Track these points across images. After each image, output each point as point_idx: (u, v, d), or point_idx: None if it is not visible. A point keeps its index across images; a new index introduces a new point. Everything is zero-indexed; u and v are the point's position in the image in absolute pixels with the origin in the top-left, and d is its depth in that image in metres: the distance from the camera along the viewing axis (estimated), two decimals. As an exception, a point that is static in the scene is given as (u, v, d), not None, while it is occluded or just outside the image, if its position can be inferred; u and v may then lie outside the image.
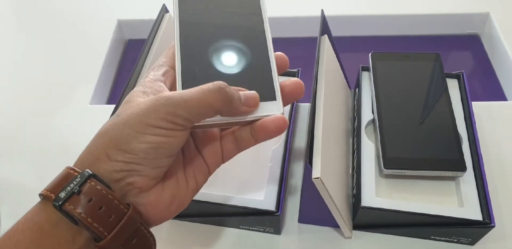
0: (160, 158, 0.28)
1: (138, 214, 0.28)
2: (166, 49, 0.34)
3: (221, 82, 0.28)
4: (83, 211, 0.26)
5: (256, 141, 0.32)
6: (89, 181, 0.26)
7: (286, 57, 0.34)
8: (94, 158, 0.27)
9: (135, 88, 0.31)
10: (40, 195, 0.27)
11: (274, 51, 0.34)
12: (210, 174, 0.33)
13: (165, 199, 0.29)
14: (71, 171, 0.27)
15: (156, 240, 0.30)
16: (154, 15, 0.48)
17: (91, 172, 0.26)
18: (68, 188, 0.26)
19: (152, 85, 0.30)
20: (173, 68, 0.32)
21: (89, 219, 0.26)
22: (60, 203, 0.25)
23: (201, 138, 0.33)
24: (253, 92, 0.30)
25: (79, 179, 0.26)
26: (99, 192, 0.26)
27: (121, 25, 0.72)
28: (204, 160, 0.32)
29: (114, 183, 0.27)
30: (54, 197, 0.26)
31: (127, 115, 0.28)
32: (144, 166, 0.27)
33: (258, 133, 0.31)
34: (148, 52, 0.46)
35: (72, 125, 0.57)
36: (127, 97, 0.30)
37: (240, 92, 0.29)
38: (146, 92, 0.30)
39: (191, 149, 0.32)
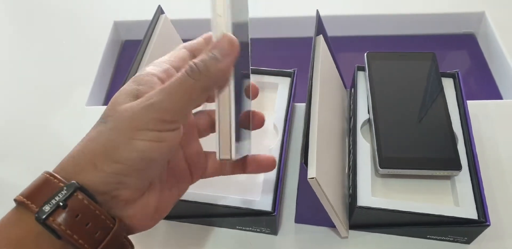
0: (150, 169, 0.27)
1: (123, 227, 0.27)
2: (176, 49, 0.32)
3: (184, 69, 0.26)
4: (69, 227, 0.24)
5: (243, 171, 0.34)
6: (75, 193, 0.24)
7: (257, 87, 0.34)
8: (79, 167, 0.26)
9: (128, 84, 0.28)
10: (16, 201, 0.25)
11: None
12: (192, 183, 0.33)
13: (149, 209, 0.28)
14: (53, 179, 0.25)
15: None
16: (150, 16, 0.48)
17: (78, 185, 0.25)
18: (53, 201, 0.24)
19: (149, 79, 0.28)
20: (175, 68, 0.30)
21: (74, 236, 0.24)
22: (43, 217, 0.24)
23: (191, 151, 0.32)
24: (225, 34, 0.26)
25: (65, 191, 0.24)
26: (87, 207, 0.25)
27: (117, 26, 0.72)
28: (190, 171, 0.32)
29: (98, 195, 0.26)
30: (36, 209, 0.24)
31: (114, 121, 0.26)
32: (132, 178, 0.26)
33: (248, 166, 0.33)
34: (144, 53, 0.46)
35: (68, 126, 0.57)
36: (116, 96, 0.28)
37: (212, 50, 0.26)
38: (139, 90, 0.27)
39: (179, 157, 0.32)
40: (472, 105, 0.51)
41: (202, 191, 0.43)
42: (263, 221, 0.42)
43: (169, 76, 0.29)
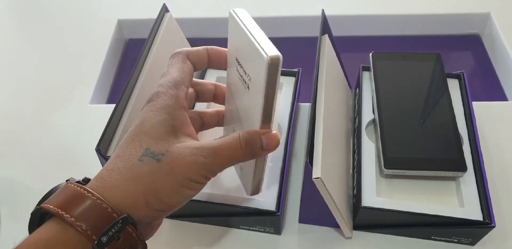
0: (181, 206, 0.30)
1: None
2: (178, 59, 0.33)
3: (244, 133, 0.30)
4: None
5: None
6: (127, 226, 0.27)
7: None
8: (131, 201, 0.28)
9: (157, 113, 0.30)
10: (48, 210, 0.26)
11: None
12: None
13: (157, 228, 0.32)
14: (88, 194, 0.27)
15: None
16: (154, 15, 0.48)
17: (131, 220, 0.27)
18: (110, 233, 0.26)
19: (178, 116, 0.30)
20: (189, 85, 0.33)
21: None
22: (101, 247, 0.26)
23: None
24: (275, 133, 0.31)
25: (121, 225, 0.27)
26: (134, 239, 0.27)
27: (121, 25, 0.72)
28: None
29: (140, 225, 0.28)
30: (94, 238, 0.26)
31: (170, 164, 0.28)
32: (169, 212, 0.30)
33: None
34: (148, 52, 0.46)
35: (72, 125, 0.57)
36: (148, 124, 0.30)
37: (262, 136, 0.31)
38: (174, 126, 0.30)
39: None
40: (477, 106, 0.51)
41: (206, 190, 0.43)
42: (267, 220, 0.42)
43: (187, 100, 0.32)
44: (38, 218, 0.28)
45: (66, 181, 0.29)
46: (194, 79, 0.36)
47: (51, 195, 0.28)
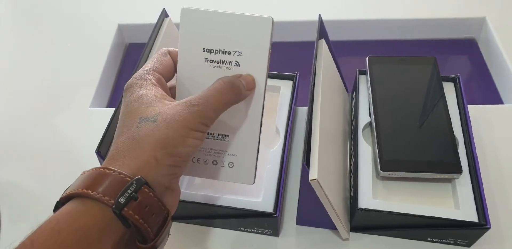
0: (189, 160, 0.31)
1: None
2: (160, 53, 0.36)
3: (225, 78, 0.33)
4: (141, 216, 0.27)
5: None
6: (143, 187, 0.28)
7: None
8: (143, 162, 0.28)
9: (142, 91, 0.32)
10: (75, 194, 0.27)
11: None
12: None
13: (177, 197, 0.32)
14: (109, 171, 0.27)
15: None
16: (154, 20, 0.49)
17: (144, 180, 0.28)
18: (126, 194, 0.27)
19: (155, 89, 0.33)
20: (163, 76, 0.35)
21: (145, 225, 0.27)
22: (120, 208, 0.26)
23: None
24: (249, 75, 0.34)
25: (135, 185, 0.27)
26: (153, 199, 0.28)
27: (122, 29, 0.73)
28: None
29: (157, 187, 0.29)
30: (111, 201, 0.26)
31: (166, 120, 0.30)
32: (181, 168, 0.30)
33: None
34: (148, 56, 0.47)
35: (72, 128, 0.58)
36: (142, 100, 0.31)
37: (240, 79, 0.33)
38: (157, 96, 0.32)
39: None
40: (472, 109, 0.52)
41: (204, 192, 0.43)
42: (264, 222, 0.43)
43: (160, 86, 0.34)
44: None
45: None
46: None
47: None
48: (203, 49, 0.34)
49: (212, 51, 0.34)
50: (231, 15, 0.33)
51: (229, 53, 0.34)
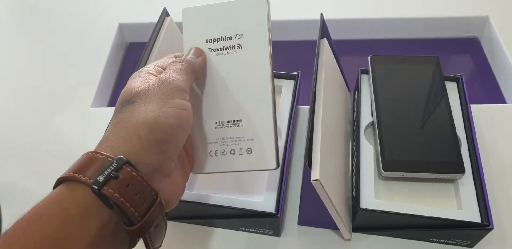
0: (182, 134, 0.30)
1: (162, 201, 0.29)
2: (168, 57, 0.36)
3: (181, 59, 0.34)
4: (122, 195, 0.26)
5: None
6: (124, 166, 0.27)
7: None
8: (124, 140, 0.28)
9: (129, 81, 0.33)
10: (62, 178, 0.27)
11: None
12: (189, 172, 0.35)
13: (178, 183, 0.31)
14: (100, 155, 0.27)
15: None
16: (155, 19, 0.48)
17: (125, 159, 0.27)
18: (106, 173, 0.26)
19: (147, 76, 0.33)
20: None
21: (127, 204, 0.26)
22: (99, 186, 0.26)
23: (187, 144, 0.35)
24: (193, 48, 0.36)
25: (116, 164, 0.26)
26: (135, 178, 0.27)
27: (122, 29, 0.73)
28: (189, 161, 0.35)
29: (144, 167, 0.28)
30: (90, 181, 0.26)
31: (143, 98, 0.30)
32: (170, 145, 0.29)
33: None
34: (149, 56, 0.47)
35: (73, 128, 0.58)
36: (125, 90, 0.32)
37: (189, 54, 0.35)
38: (143, 82, 0.32)
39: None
40: (475, 109, 0.51)
41: (205, 192, 0.43)
42: (266, 222, 0.43)
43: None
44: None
45: None
46: None
47: None
48: (206, 40, 0.36)
49: (214, 40, 0.36)
50: (227, 3, 0.36)
51: (230, 38, 0.36)
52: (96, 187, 0.25)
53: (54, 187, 0.27)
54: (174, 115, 0.29)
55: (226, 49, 0.36)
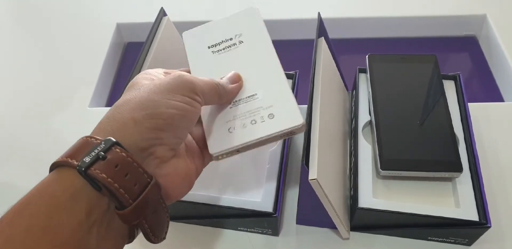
0: (181, 127, 0.29)
1: (159, 185, 0.28)
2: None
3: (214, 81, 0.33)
4: (109, 175, 0.25)
5: None
6: (113, 147, 0.25)
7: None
8: (119, 124, 0.27)
9: (137, 76, 0.32)
10: (54, 163, 0.26)
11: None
12: (205, 166, 0.34)
13: (180, 172, 0.30)
14: (91, 139, 0.26)
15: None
16: (153, 18, 0.48)
17: (114, 140, 0.26)
18: (93, 153, 0.25)
19: (155, 74, 0.33)
20: None
21: (116, 185, 0.25)
22: (85, 167, 0.24)
23: (199, 134, 0.34)
24: (232, 72, 0.35)
25: (104, 145, 0.25)
26: (125, 158, 0.25)
27: (120, 28, 0.73)
28: (202, 153, 0.34)
29: (138, 151, 0.27)
30: (77, 163, 0.25)
31: (150, 86, 0.29)
32: (167, 133, 0.28)
33: None
34: (146, 55, 0.47)
35: (71, 128, 0.57)
36: (133, 81, 0.31)
37: (222, 79, 0.35)
38: (151, 78, 0.32)
39: (189, 138, 0.34)
40: (473, 107, 0.51)
41: (204, 192, 0.43)
42: (264, 222, 0.43)
43: None
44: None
45: None
46: None
47: None
48: (208, 46, 0.39)
49: (216, 44, 0.39)
50: (221, 19, 0.40)
51: (231, 38, 0.39)
52: (82, 168, 0.24)
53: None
54: (177, 107, 0.28)
55: (229, 48, 0.38)
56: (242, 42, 0.38)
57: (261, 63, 0.36)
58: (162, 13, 0.49)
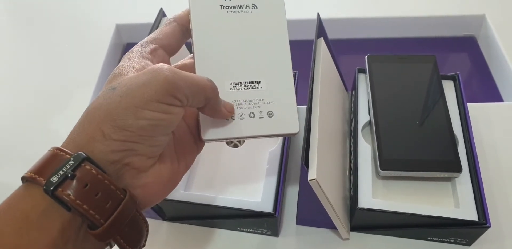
0: (157, 136, 0.26)
1: (134, 199, 0.26)
2: (165, 24, 0.32)
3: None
4: (78, 197, 0.23)
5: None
6: (83, 164, 0.24)
7: None
8: (88, 136, 0.25)
9: (122, 63, 0.29)
10: (23, 178, 0.25)
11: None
12: (198, 153, 0.32)
13: (162, 179, 0.28)
14: (60, 152, 0.25)
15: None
16: (152, 19, 0.48)
17: (85, 155, 0.24)
18: (61, 172, 0.23)
19: (139, 61, 0.29)
20: (163, 47, 0.31)
21: (85, 206, 0.23)
22: (52, 188, 0.23)
23: (192, 119, 0.32)
24: (231, 104, 0.31)
25: (73, 162, 0.24)
26: (95, 177, 0.24)
27: (120, 29, 0.73)
28: (194, 140, 0.32)
29: (110, 164, 0.25)
30: (44, 181, 0.23)
31: (124, 88, 0.25)
32: (140, 144, 0.26)
33: None
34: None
35: (71, 128, 0.57)
36: (115, 71, 0.28)
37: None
38: (135, 68, 0.28)
39: (183, 127, 0.31)
40: (472, 107, 0.52)
41: (203, 192, 0.43)
42: (264, 222, 0.43)
43: (156, 57, 0.30)
44: None
45: None
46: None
47: None
48: (221, 6, 0.33)
49: (228, 6, 0.33)
50: None
51: (247, 5, 0.33)
52: (49, 189, 0.23)
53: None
54: (149, 117, 0.25)
55: (240, 8, 0.33)
56: (256, 7, 0.33)
57: (271, 45, 0.33)
58: (162, 14, 0.49)
